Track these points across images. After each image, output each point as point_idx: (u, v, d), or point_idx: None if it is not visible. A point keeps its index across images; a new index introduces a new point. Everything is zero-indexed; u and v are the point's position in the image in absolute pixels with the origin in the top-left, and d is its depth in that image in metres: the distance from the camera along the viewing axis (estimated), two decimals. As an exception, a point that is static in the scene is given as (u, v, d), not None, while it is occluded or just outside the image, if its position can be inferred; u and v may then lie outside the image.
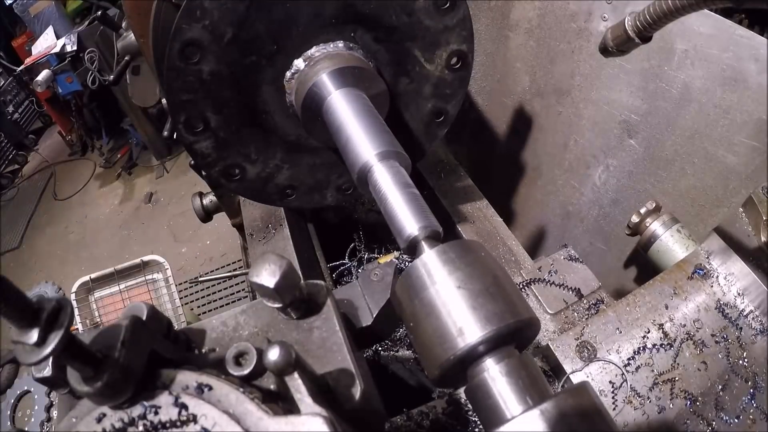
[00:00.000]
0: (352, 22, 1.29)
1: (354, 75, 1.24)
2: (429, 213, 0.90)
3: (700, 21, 1.51)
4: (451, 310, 0.71)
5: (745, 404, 1.04)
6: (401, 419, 1.12)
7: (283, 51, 1.27)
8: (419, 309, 0.75)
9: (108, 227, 6.93)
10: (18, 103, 9.09)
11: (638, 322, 1.12)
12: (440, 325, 0.72)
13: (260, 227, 1.81)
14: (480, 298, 0.71)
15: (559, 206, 2.44)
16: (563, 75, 2.12)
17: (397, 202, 0.92)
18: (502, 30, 2.37)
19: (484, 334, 0.68)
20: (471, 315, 0.70)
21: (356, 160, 1.05)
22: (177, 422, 0.60)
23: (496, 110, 2.65)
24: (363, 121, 1.12)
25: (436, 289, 0.74)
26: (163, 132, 2.37)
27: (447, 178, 1.93)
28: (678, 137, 1.73)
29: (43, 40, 6.92)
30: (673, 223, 1.54)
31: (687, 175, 1.75)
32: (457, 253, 0.77)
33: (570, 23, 1.98)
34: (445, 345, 0.71)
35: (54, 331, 0.54)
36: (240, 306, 0.82)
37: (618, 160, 2.02)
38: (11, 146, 8.85)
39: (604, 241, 2.23)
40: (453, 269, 0.75)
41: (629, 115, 1.88)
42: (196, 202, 2.44)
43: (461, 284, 0.73)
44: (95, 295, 3.92)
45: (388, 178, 0.98)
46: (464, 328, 0.70)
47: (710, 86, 1.56)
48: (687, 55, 1.60)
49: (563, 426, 0.60)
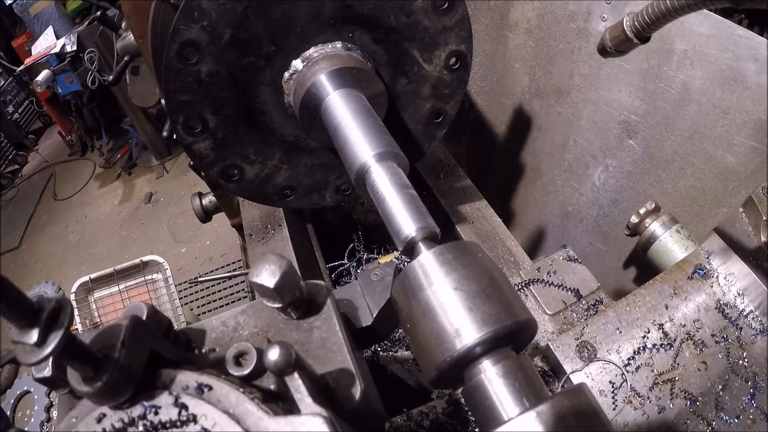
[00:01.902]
0: (351, 23, 1.29)
1: (352, 76, 1.24)
2: (426, 214, 0.90)
3: (700, 21, 1.51)
4: (448, 311, 0.71)
5: (745, 404, 1.04)
6: (401, 419, 1.12)
7: (281, 52, 1.27)
8: (416, 310, 0.75)
9: (108, 227, 6.93)
10: (18, 103, 9.09)
11: (638, 322, 1.12)
12: (437, 327, 0.71)
13: (259, 228, 1.81)
14: (477, 299, 0.71)
15: (559, 206, 2.44)
16: (562, 75, 2.12)
17: (394, 203, 0.92)
18: (501, 30, 2.37)
19: (481, 336, 0.68)
20: (468, 316, 0.70)
21: (354, 160, 1.05)
22: (177, 422, 0.60)
23: (495, 110, 2.65)
24: (361, 121, 1.12)
25: (433, 290, 0.74)
26: (162, 132, 2.38)
27: (446, 178, 1.93)
28: (677, 137, 1.73)
29: (42, 41, 6.92)
30: (672, 224, 1.54)
31: (686, 175, 1.75)
32: (454, 254, 0.77)
33: (569, 23, 1.98)
34: (442, 346, 0.71)
35: (54, 331, 0.54)
36: (240, 306, 0.82)
37: (617, 161, 2.02)
38: (11, 146, 8.85)
39: (603, 242, 2.23)
40: (450, 270, 0.74)
41: (628, 116, 1.88)
42: (196, 202, 2.44)
43: (458, 285, 0.73)
44: (95, 295, 3.92)
45: (385, 179, 0.98)
46: (461, 329, 0.70)
47: (709, 86, 1.56)
48: (686, 56, 1.60)
49: (560, 428, 0.60)
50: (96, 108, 7.82)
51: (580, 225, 2.33)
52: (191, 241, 6.09)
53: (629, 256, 2.10)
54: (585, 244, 2.33)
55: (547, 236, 2.60)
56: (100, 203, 7.47)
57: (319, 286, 0.81)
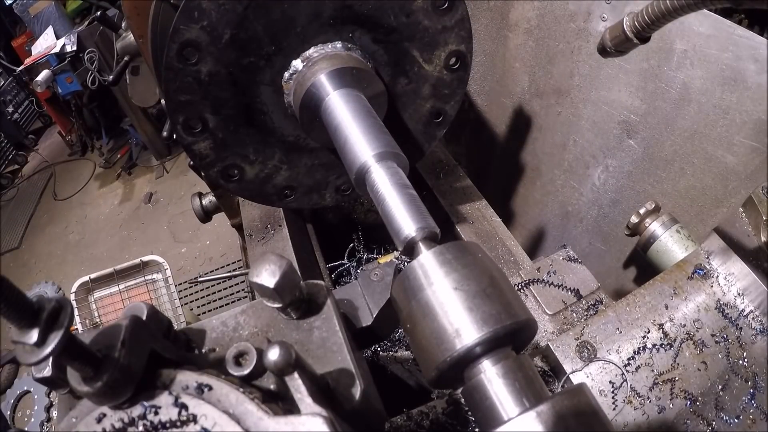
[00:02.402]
0: (351, 23, 1.29)
1: (352, 76, 1.23)
2: (426, 214, 0.90)
3: (700, 21, 1.51)
4: (448, 311, 0.71)
5: (745, 404, 1.04)
6: (401, 419, 1.12)
7: (281, 52, 1.27)
8: (416, 310, 0.75)
9: (108, 227, 6.93)
10: (18, 103, 9.09)
11: (638, 322, 1.12)
12: (437, 327, 0.72)
13: (259, 228, 1.81)
14: (477, 299, 0.71)
15: (559, 206, 2.44)
16: (562, 75, 2.12)
17: (394, 203, 0.92)
18: (501, 30, 2.37)
19: (481, 336, 0.69)
20: (468, 316, 0.70)
21: (354, 160, 1.05)
22: (177, 422, 0.60)
23: (495, 110, 2.65)
24: (361, 121, 1.12)
25: (432, 290, 0.74)
26: (162, 132, 2.38)
27: (446, 178, 1.93)
28: (677, 137, 1.73)
29: (42, 40, 6.92)
30: (672, 224, 1.54)
31: (686, 175, 1.75)
32: (454, 254, 0.77)
33: (569, 23, 1.98)
34: (442, 346, 0.71)
35: (54, 331, 0.54)
36: (240, 306, 0.82)
37: (617, 161, 2.02)
38: (11, 146, 8.85)
39: (603, 241, 2.23)
40: (450, 270, 0.75)
41: (628, 116, 1.88)
42: (196, 202, 2.44)
43: (458, 285, 0.73)
44: (95, 295, 3.92)
45: (385, 179, 0.98)
46: (461, 329, 0.70)
47: (709, 86, 1.56)
48: (686, 56, 1.60)
49: (560, 428, 0.60)
50: (96, 108, 7.82)
51: (580, 225, 2.33)
52: (191, 241, 6.09)
53: (629, 256, 2.10)
54: (585, 244, 2.33)
55: (547, 236, 2.60)
56: (100, 203, 7.47)
57: (319, 286, 0.81)
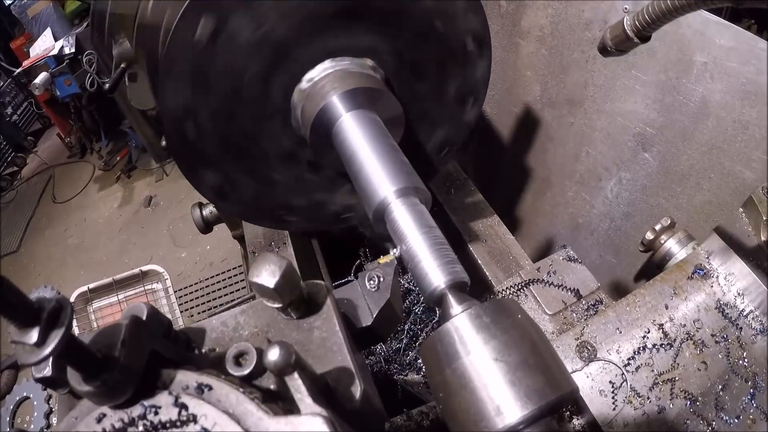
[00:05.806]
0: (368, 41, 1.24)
1: (367, 96, 1.16)
2: (454, 260, 0.86)
3: (720, 33, 1.46)
4: (488, 384, 0.67)
5: (745, 404, 1.04)
6: (401, 419, 1.12)
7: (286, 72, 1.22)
8: (452, 379, 0.70)
9: (107, 231, 6.90)
10: (17, 105, 9.05)
11: (638, 322, 1.12)
12: (476, 401, 0.68)
13: (263, 245, 1.76)
14: (519, 372, 0.67)
15: (569, 218, 2.38)
16: (576, 85, 2.06)
17: (419, 247, 0.87)
18: (512, 37, 2.32)
19: (524, 414, 0.65)
20: (510, 391, 0.66)
21: (373, 195, 0.99)
22: (177, 422, 0.60)
23: (505, 119, 2.60)
24: (378, 150, 1.05)
25: (470, 360, 0.69)
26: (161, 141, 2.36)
27: (457, 193, 1.89)
28: (694, 152, 1.67)
29: (41, 42, 6.90)
30: (688, 241, 1.48)
31: (702, 190, 1.69)
32: (492, 318, 0.72)
33: (584, 32, 1.92)
34: (481, 423, 0.66)
35: (54, 330, 0.54)
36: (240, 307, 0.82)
37: (631, 174, 1.96)
38: (10, 148, 8.82)
39: (614, 255, 2.18)
40: (489, 337, 0.70)
41: (644, 128, 1.83)
42: (196, 213, 2.33)
43: (498, 356, 0.68)
44: (94, 305, 3.91)
45: (408, 219, 0.93)
46: (502, 406, 0.66)
47: (729, 100, 1.50)
48: (706, 68, 1.54)
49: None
50: (95, 110, 7.80)
51: (591, 237, 2.28)
52: (191, 245, 6.06)
53: (640, 269, 2.04)
54: (595, 257, 2.28)
55: (556, 247, 2.53)
56: (100, 206, 7.45)
57: (319, 286, 0.81)
